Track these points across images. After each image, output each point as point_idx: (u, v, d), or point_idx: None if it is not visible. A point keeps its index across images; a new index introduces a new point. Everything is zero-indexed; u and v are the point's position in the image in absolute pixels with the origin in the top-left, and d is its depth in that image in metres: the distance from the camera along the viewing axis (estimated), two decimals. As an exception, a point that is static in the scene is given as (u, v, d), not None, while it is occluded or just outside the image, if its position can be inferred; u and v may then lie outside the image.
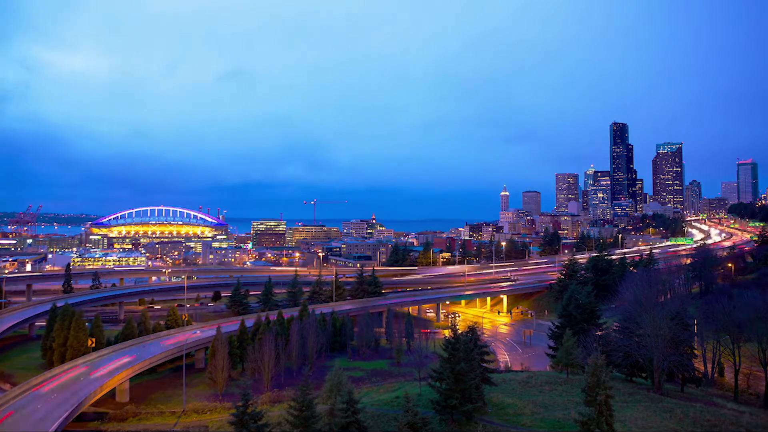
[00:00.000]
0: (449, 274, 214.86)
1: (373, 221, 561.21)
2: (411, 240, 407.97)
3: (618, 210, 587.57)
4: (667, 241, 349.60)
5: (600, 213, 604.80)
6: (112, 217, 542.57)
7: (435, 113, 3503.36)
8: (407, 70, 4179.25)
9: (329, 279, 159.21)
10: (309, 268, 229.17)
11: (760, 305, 73.03)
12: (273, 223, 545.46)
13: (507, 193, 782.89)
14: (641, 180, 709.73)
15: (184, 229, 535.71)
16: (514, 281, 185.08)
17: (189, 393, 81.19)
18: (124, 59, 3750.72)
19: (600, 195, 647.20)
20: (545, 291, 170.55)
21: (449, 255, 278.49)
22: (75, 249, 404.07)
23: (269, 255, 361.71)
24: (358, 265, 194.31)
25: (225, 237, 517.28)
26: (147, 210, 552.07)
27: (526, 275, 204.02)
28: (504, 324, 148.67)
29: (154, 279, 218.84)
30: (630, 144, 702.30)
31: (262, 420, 45.27)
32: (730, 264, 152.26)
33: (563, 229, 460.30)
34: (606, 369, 43.55)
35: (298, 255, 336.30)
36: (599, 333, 75.17)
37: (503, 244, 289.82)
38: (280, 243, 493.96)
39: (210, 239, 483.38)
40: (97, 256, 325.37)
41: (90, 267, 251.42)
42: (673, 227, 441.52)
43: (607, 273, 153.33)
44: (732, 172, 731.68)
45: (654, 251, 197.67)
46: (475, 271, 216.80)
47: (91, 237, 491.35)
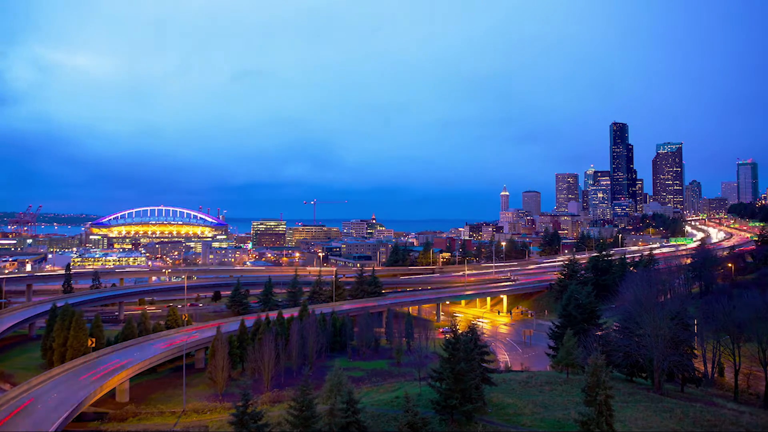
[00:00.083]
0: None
1: (373, 221, 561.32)
2: (411, 240, 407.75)
3: (618, 210, 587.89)
4: (667, 242, 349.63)
5: (600, 213, 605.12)
6: (112, 217, 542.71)
7: (437, 113, 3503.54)
8: (410, 69, 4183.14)
9: (329, 279, 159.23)
10: (309, 268, 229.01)
11: (760, 305, 73.09)
12: (273, 223, 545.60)
13: (507, 193, 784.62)
14: (641, 180, 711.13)
15: (184, 229, 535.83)
16: (514, 281, 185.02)
17: (189, 393, 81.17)
18: (134, 59, 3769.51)
19: (600, 195, 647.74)
20: (545, 291, 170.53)
21: (449, 255, 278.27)
22: (75, 249, 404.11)
23: (269, 255, 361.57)
24: (358, 265, 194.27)
25: (225, 237, 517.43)
26: (147, 210, 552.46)
27: (526, 275, 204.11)
28: (504, 324, 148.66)
29: (154, 279, 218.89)
30: (630, 144, 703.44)
31: (262, 420, 45.30)
32: (730, 264, 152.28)
33: (563, 229, 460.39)
34: (606, 369, 43.58)
35: (298, 255, 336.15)
36: (599, 333, 75.24)
37: (503, 244, 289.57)
38: (280, 243, 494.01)
39: (210, 239, 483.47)
40: (97, 256, 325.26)
41: (90, 267, 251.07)
42: (673, 227, 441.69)
43: (607, 273, 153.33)
44: (732, 172, 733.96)
45: (654, 251, 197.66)
46: (481, 271, 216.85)
47: (91, 237, 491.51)
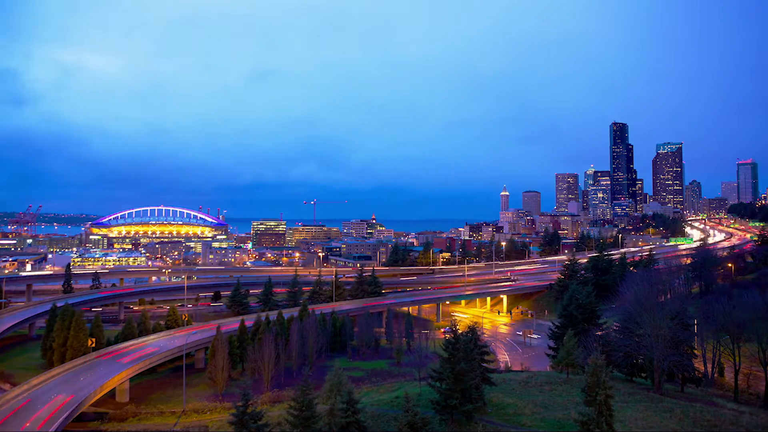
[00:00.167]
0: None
1: (373, 221, 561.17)
2: (411, 240, 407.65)
3: (618, 210, 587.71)
4: (667, 242, 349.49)
5: (600, 213, 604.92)
6: (112, 217, 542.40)
7: (439, 113, 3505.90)
8: (411, 68, 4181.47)
9: (329, 279, 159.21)
10: (309, 268, 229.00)
11: (760, 305, 73.10)
12: (273, 223, 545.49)
13: (507, 193, 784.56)
14: (641, 180, 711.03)
15: (184, 229, 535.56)
16: (514, 281, 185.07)
17: (189, 393, 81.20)
18: (145, 60, 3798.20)
19: (600, 195, 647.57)
20: (545, 291, 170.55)
21: (449, 255, 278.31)
22: (75, 249, 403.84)
23: (269, 255, 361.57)
24: (358, 265, 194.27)
25: (225, 237, 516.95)
26: (147, 210, 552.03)
27: (526, 275, 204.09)
28: (504, 324, 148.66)
29: (154, 279, 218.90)
30: (630, 144, 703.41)
31: (262, 420, 45.29)
32: (730, 264, 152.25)
33: (563, 229, 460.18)
34: (606, 369, 43.60)
35: (298, 255, 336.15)
36: (599, 333, 75.24)
37: (503, 244, 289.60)
38: (280, 243, 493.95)
39: (210, 239, 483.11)
40: (97, 256, 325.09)
41: (90, 267, 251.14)
42: (673, 227, 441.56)
43: (607, 273, 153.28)
44: (732, 172, 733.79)
45: (654, 251, 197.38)
46: (481, 271, 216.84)
47: (91, 237, 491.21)
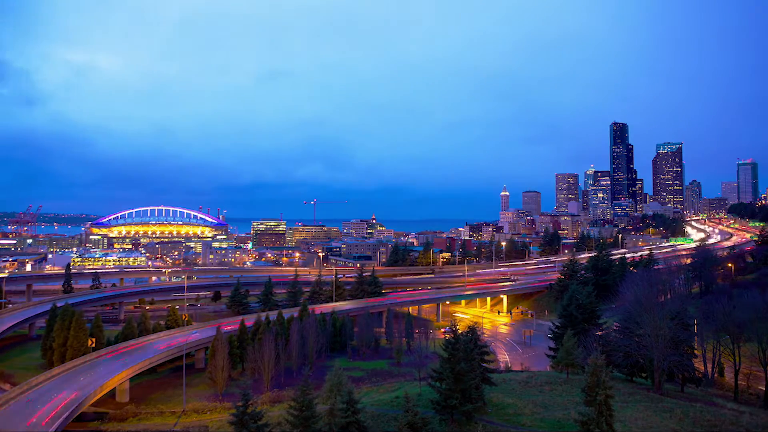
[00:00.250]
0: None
1: (373, 221, 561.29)
2: (411, 240, 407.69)
3: (618, 210, 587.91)
4: (667, 242, 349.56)
5: (600, 213, 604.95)
6: (112, 217, 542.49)
7: (440, 114, 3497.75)
8: (413, 68, 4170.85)
9: (329, 279, 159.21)
10: (309, 268, 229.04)
11: (760, 305, 73.09)
12: (273, 223, 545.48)
13: (507, 193, 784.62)
14: (641, 180, 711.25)
15: (184, 229, 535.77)
16: (514, 281, 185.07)
17: (189, 393, 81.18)
18: (152, 60, 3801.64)
19: (600, 195, 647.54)
20: (545, 291, 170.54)
21: (449, 255, 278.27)
22: (75, 249, 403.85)
23: (269, 255, 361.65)
24: (358, 265, 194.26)
25: (225, 237, 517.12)
26: (147, 210, 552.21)
27: (526, 275, 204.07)
28: (504, 324, 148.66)
29: (154, 279, 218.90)
30: (630, 144, 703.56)
31: (262, 420, 45.27)
32: (730, 264, 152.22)
33: (563, 229, 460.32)
34: (606, 369, 43.55)
35: (298, 255, 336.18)
36: (599, 333, 75.24)
37: (503, 244, 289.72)
38: (280, 243, 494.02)
39: (210, 239, 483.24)
40: (97, 256, 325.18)
41: (90, 267, 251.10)
42: (673, 227, 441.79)
43: (608, 273, 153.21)
44: (732, 172, 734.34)
45: (654, 251, 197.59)
46: (481, 271, 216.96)
47: (91, 237, 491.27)
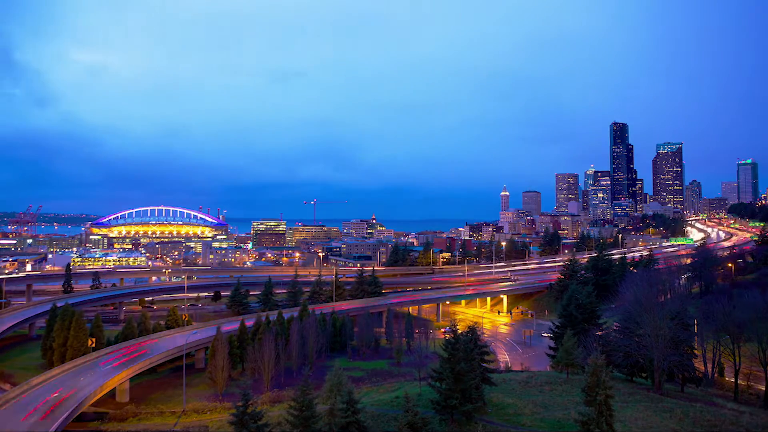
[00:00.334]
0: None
1: (373, 221, 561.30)
2: (411, 240, 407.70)
3: (618, 210, 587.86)
4: (668, 242, 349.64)
5: (600, 213, 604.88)
6: (112, 217, 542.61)
7: (441, 114, 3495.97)
8: (414, 69, 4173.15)
9: (329, 279, 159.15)
10: (309, 268, 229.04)
11: (760, 305, 73.08)
12: (273, 223, 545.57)
13: (507, 193, 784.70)
14: (641, 180, 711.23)
15: (184, 229, 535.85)
16: (514, 281, 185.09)
17: (189, 393, 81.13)
18: (163, 59, 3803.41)
19: (600, 195, 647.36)
20: (545, 291, 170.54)
21: (449, 255, 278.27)
22: (75, 249, 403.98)
23: (269, 255, 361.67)
24: (358, 265, 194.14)
25: (225, 237, 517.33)
26: (147, 210, 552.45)
27: (526, 275, 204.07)
28: (504, 324, 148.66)
29: (154, 279, 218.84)
30: (630, 144, 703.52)
31: (262, 420, 45.25)
32: (730, 264, 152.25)
33: (563, 229, 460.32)
34: (606, 369, 43.55)
35: (298, 255, 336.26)
36: (599, 333, 75.24)
37: (503, 244, 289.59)
38: (280, 243, 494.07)
39: (210, 239, 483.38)
40: (97, 256, 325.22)
41: (90, 267, 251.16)
42: (673, 227, 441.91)
43: (608, 273, 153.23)
44: (732, 172, 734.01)
45: (654, 251, 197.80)
46: (481, 271, 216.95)
47: (91, 237, 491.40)
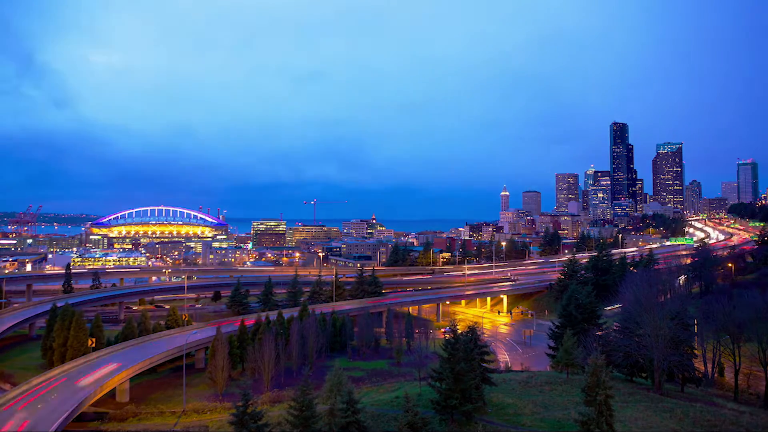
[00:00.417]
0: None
1: (373, 221, 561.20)
2: (411, 240, 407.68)
3: (618, 210, 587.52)
4: (668, 242, 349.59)
5: (600, 213, 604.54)
6: (112, 217, 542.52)
7: (442, 114, 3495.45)
8: (415, 68, 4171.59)
9: (329, 279, 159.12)
10: (309, 268, 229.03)
11: (760, 305, 73.14)
12: (273, 223, 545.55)
13: (507, 193, 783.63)
14: (641, 180, 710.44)
15: (184, 229, 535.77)
16: (514, 281, 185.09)
17: (189, 393, 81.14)
18: (174, 59, 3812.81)
19: (600, 195, 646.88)
20: (545, 291, 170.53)
21: (449, 255, 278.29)
22: (75, 249, 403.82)
23: (269, 255, 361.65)
24: (358, 265, 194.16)
25: (225, 237, 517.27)
26: (147, 210, 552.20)
27: (526, 275, 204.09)
28: (504, 324, 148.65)
29: (154, 279, 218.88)
30: (630, 144, 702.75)
31: (262, 420, 45.25)
32: (730, 264, 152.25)
33: (563, 229, 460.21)
34: (606, 369, 43.58)
35: (298, 255, 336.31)
36: (599, 333, 75.24)
37: (503, 244, 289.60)
38: (280, 243, 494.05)
39: (210, 239, 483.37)
40: (97, 256, 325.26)
41: (90, 267, 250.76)
42: (674, 227, 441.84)
43: (608, 273, 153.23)
44: (732, 172, 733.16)
45: (654, 251, 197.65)
46: (481, 271, 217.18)
47: (91, 237, 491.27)
